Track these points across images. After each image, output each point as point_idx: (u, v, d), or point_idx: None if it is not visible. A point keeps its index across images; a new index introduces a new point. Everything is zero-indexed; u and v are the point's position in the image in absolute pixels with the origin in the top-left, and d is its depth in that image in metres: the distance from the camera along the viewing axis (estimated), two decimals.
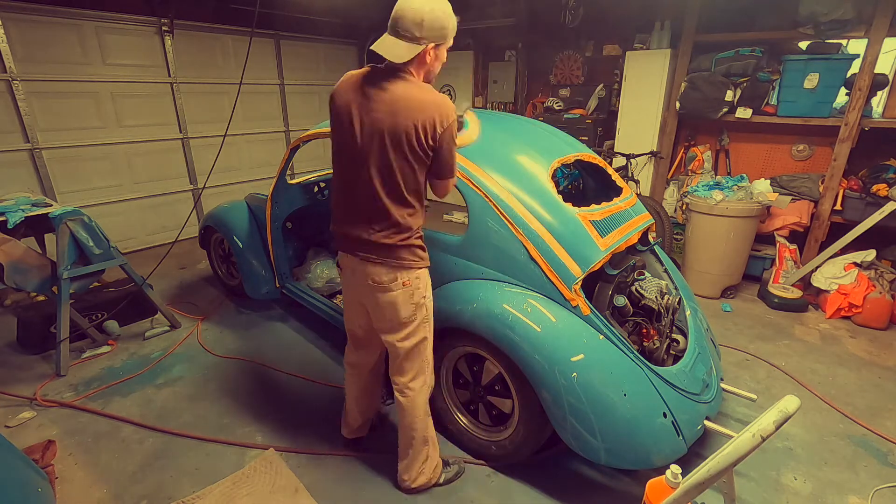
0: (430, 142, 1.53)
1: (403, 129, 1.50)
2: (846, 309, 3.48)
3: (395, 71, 1.54)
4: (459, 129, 2.02)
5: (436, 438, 1.98)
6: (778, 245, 3.92)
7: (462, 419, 2.21)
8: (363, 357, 2.03)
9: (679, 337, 2.27)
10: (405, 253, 1.65)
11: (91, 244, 2.78)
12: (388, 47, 1.48)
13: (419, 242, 1.70)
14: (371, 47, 1.50)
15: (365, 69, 1.61)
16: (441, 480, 2.01)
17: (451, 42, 1.60)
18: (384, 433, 2.31)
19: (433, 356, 1.89)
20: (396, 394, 1.85)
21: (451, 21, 1.54)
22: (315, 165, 6.01)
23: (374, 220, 1.62)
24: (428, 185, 1.69)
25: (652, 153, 4.61)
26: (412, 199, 1.62)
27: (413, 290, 1.70)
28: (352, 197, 1.65)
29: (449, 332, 2.05)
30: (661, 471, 1.49)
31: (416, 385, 1.83)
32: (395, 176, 1.56)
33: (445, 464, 2.04)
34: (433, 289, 2.13)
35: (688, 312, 2.36)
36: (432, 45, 1.52)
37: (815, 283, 3.71)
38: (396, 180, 1.57)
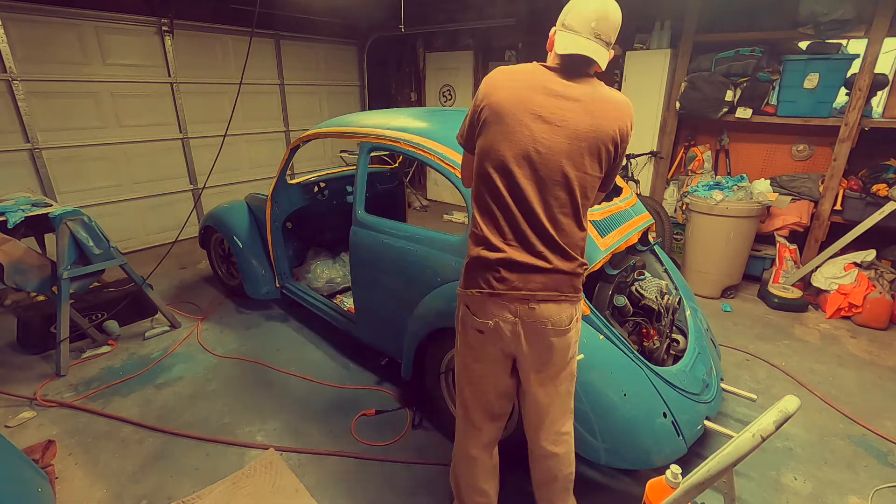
0: (622, 147, 1.38)
1: (607, 133, 1.32)
2: (846, 309, 3.48)
3: (579, 72, 1.35)
4: None
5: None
6: (778, 245, 3.92)
7: None
8: (498, 431, 1.63)
9: (679, 337, 2.27)
10: (579, 282, 1.42)
11: (91, 244, 2.78)
12: (595, 51, 1.29)
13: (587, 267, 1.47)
14: (570, 51, 1.29)
15: (534, 66, 1.37)
16: None
17: None
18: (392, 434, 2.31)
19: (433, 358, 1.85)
20: (550, 447, 1.56)
21: None
22: (315, 165, 6.01)
23: (554, 254, 1.36)
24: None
25: (652, 153, 4.61)
26: (587, 217, 1.42)
27: (580, 325, 1.50)
28: (522, 225, 1.34)
29: (449, 331, 2.05)
30: (661, 471, 1.49)
31: (571, 427, 1.60)
32: (583, 187, 1.35)
33: None
34: (434, 288, 2.14)
35: (688, 312, 2.36)
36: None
37: (815, 283, 3.71)
38: (584, 192, 1.36)
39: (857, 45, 3.66)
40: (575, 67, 1.34)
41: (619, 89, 4.68)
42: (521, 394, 1.55)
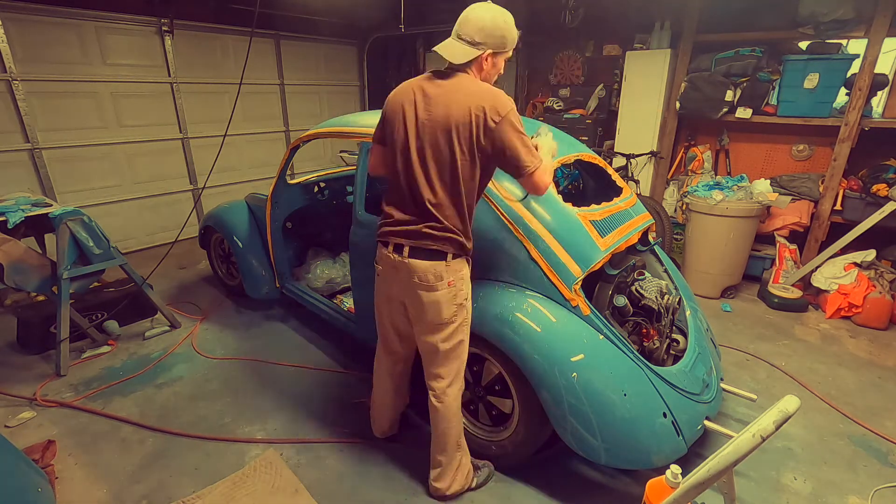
0: (485, 131, 1.53)
1: (458, 119, 1.52)
2: (846, 309, 3.48)
3: (453, 71, 1.61)
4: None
5: (466, 444, 1.96)
6: (778, 245, 3.92)
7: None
8: (395, 359, 2.03)
9: (679, 337, 2.27)
10: (451, 254, 1.66)
11: (91, 244, 2.78)
12: (447, 47, 1.59)
13: (467, 243, 1.69)
14: (433, 48, 1.59)
15: (425, 75, 1.66)
16: (474, 485, 1.99)
17: (510, 53, 1.66)
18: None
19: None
20: (432, 399, 1.83)
21: (511, 32, 1.61)
22: (315, 165, 6.01)
23: (426, 218, 1.62)
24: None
25: (652, 153, 4.61)
26: (465, 198, 1.62)
27: (456, 291, 1.70)
28: (406, 194, 1.65)
29: None
30: (661, 471, 1.49)
31: (453, 391, 1.82)
32: (453, 171, 1.57)
33: (475, 468, 2.02)
34: None
35: (688, 312, 2.36)
36: (490, 51, 1.59)
37: (815, 283, 3.71)
38: (454, 175, 1.58)
39: (857, 45, 3.66)
40: (448, 69, 1.62)
41: (619, 89, 4.70)
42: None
